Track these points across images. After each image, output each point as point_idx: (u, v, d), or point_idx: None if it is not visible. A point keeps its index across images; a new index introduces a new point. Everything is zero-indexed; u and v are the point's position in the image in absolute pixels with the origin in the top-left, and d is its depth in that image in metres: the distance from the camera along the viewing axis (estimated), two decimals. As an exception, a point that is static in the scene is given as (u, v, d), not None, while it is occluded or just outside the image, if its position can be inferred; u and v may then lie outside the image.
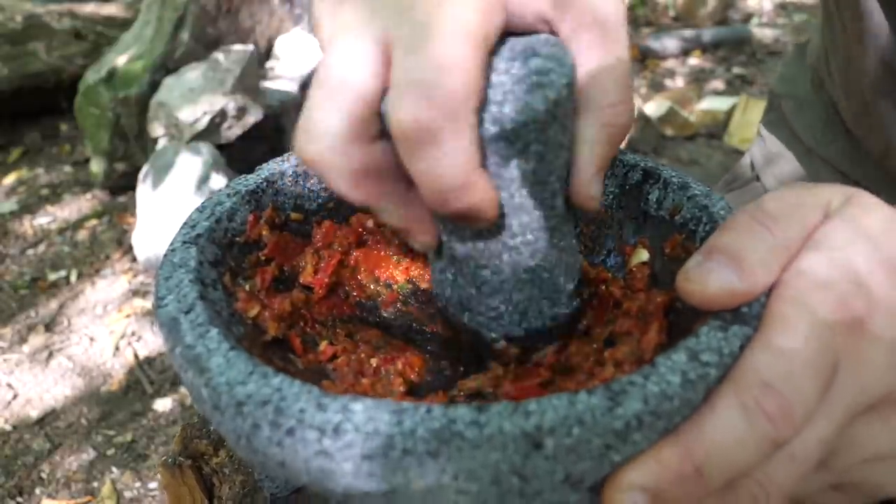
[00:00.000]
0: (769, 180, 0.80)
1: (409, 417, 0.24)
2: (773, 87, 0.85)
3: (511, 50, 0.32)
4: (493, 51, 0.31)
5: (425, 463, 0.24)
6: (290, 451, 0.25)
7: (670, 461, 0.26)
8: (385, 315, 0.43)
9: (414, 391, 0.37)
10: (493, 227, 0.33)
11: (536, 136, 0.31)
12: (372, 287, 0.44)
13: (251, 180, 0.41)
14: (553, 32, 0.33)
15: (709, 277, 0.29)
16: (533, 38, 0.32)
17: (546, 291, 0.37)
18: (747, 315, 0.29)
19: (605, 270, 0.42)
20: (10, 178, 2.73)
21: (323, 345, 0.39)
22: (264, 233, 0.40)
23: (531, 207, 0.33)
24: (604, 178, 0.34)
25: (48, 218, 2.50)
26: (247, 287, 0.38)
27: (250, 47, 2.38)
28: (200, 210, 0.38)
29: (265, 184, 0.41)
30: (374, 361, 0.39)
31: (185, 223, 0.37)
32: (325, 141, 0.30)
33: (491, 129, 0.30)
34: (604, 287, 0.41)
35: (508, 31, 0.32)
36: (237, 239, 0.39)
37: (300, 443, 0.25)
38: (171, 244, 0.36)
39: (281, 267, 0.41)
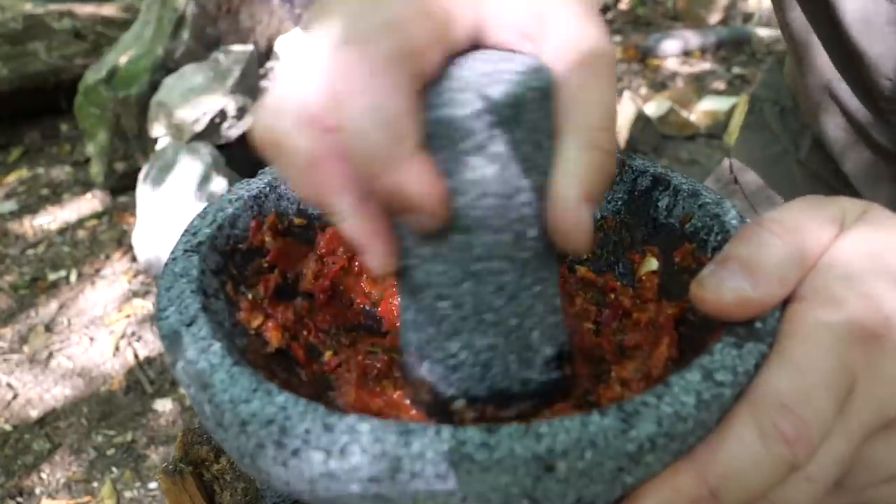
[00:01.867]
0: (748, 183, 0.81)
1: (418, 439, 0.24)
2: (754, 91, 0.87)
3: (484, 54, 0.30)
4: (460, 53, 0.29)
5: (434, 486, 0.23)
6: (296, 472, 0.25)
7: (686, 485, 0.25)
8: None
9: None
10: (451, 240, 0.30)
11: (494, 135, 0.28)
12: (375, 294, 0.43)
13: (253, 185, 0.40)
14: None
15: (723, 285, 0.29)
16: (512, 53, 0.30)
17: (514, 345, 0.32)
18: (761, 331, 0.28)
19: (613, 279, 0.41)
20: (10, 178, 2.73)
21: (327, 355, 0.38)
22: (267, 239, 0.40)
23: (496, 227, 0.29)
24: (592, 213, 0.29)
25: (48, 218, 2.50)
26: (250, 296, 0.37)
27: (250, 47, 2.38)
28: (202, 216, 0.38)
29: (268, 188, 0.41)
30: (377, 371, 0.39)
31: (186, 230, 0.37)
32: (289, 117, 0.29)
33: (440, 111, 0.28)
34: (612, 296, 0.40)
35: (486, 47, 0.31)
36: (240, 246, 0.38)
37: (305, 464, 0.24)
38: (173, 252, 0.35)
39: (284, 274, 0.40)
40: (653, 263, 0.39)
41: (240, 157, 2.23)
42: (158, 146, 2.23)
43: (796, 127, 0.77)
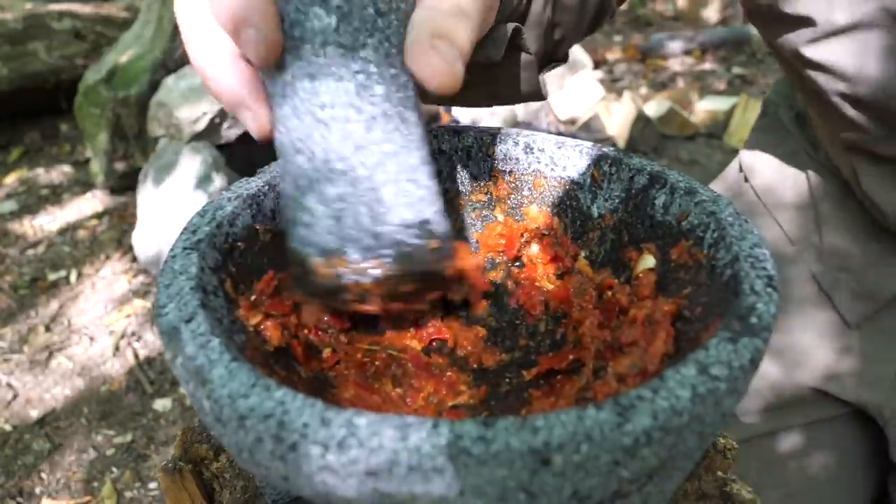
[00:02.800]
0: (759, 182, 0.81)
1: (415, 433, 0.24)
2: (768, 96, 0.87)
3: None
4: None
5: (431, 479, 0.24)
6: (293, 466, 0.25)
7: None
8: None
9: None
10: (299, 88, 0.33)
11: None
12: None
13: (252, 184, 0.41)
14: None
15: None
16: None
17: (364, 195, 0.35)
18: (757, 326, 0.28)
19: (610, 276, 0.41)
20: (10, 178, 2.73)
21: (326, 352, 0.38)
22: (266, 238, 0.40)
23: (338, 75, 0.33)
24: (451, 53, 0.32)
25: (48, 218, 2.50)
26: (249, 294, 0.37)
27: (250, 47, 2.37)
28: (201, 214, 0.38)
29: (266, 187, 0.41)
30: (375, 369, 0.39)
31: (185, 228, 0.37)
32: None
33: None
34: (609, 293, 0.40)
35: None
36: (238, 244, 0.38)
37: (303, 458, 0.24)
38: (172, 250, 0.35)
39: (283, 272, 0.40)
40: (650, 261, 0.39)
41: (240, 157, 2.23)
42: (158, 146, 2.23)
43: (812, 133, 0.77)
